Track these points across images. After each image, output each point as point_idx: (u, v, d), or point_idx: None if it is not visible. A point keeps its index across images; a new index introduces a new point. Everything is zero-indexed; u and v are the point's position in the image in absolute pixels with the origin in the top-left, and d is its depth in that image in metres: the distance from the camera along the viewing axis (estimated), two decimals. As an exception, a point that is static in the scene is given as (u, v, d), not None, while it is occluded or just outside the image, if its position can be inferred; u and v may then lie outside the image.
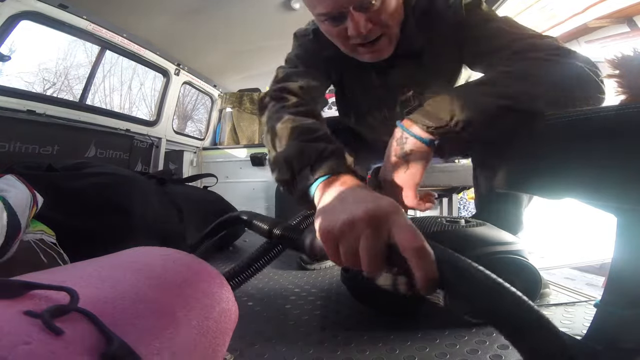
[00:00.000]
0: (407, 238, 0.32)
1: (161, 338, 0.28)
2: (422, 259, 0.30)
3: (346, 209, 0.37)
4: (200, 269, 0.42)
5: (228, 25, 1.85)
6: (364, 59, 0.72)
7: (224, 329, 0.39)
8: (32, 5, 1.43)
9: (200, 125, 3.78)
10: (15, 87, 1.58)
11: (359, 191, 0.42)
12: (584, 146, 0.44)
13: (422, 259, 0.30)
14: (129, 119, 2.16)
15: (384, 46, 0.69)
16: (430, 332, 0.64)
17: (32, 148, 1.54)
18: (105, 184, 1.08)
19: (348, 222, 0.36)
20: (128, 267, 0.35)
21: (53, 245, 0.77)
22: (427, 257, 0.30)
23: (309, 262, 1.18)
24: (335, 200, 0.42)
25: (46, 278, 0.28)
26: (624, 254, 0.50)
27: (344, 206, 0.39)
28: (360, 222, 0.35)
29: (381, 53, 0.71)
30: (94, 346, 0.22)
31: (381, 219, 0.35)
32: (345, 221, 0.36)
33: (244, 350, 0.61)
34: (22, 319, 0.21)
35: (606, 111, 0.42)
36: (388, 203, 0.37)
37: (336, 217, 0.37)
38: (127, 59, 2.07)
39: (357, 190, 0.43)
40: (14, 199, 0.68)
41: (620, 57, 0.44)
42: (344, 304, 0.83)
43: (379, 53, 0.71)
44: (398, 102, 0.85)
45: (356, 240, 0.35)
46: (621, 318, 0.49)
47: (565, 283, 0.90)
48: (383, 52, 0.71)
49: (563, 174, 0.47)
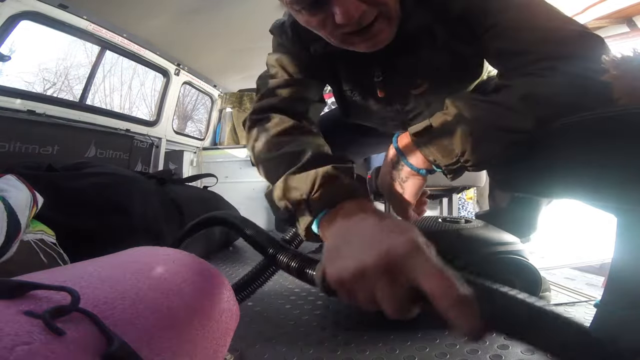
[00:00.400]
0: (437, 286, 0.27)
1: (162, 338, 0.28)
2: (460, 310, 0.26)
3: (354, 255, 0.32)
4: (201, 268, 0.42)
5: (228, 25, 1.85)
6: (360, 49, 0.57)
7: (225, 329, 0.39)
8: (32, 5, 1.43)
9: (200, 125, 3.78)
10: (15, 87, 1.58)
11: (365, 226, 0.36)
12: (584, 147, 0.44)
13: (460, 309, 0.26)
14: (129, 119, 2.16)
15: (383, 30, 0.54)
16: (430, 332, 0.64)
17: (32, 148, 1.54)
18: (105, 184, 1.09)
19: (358, 272, 0.31)
20: (128, 267, 0.35)
21: (53, 245, 0.77)
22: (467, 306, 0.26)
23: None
24: (341, 241, 0.37)
25: (46, 278, 0.28)
26: (624, 254, 0.50)
27: (352, 250, 0.33)
28: (372, 271, 0.30)
29: (380, 39, 0.56)
30: (95, 346, 0.22)
31: (397, 264, 0.29)
32: (355, 271, 0.31)
33: (244, 350, 0.61)
34: (23, 319, 0.21)
35: (606, 112, 0.42)
36: (403, 242, 0.30)
37: (344, 264, 0.32)
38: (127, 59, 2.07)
39: (362, 225, 0.36)
40: (14, 199, 0.68)
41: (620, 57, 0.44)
42: (344, 304, 0.83)
43: (377, 40, 0.55)
44: (411, 97, 0.71)
45: (371, 290, 0.31)
46: (621, 318, 0.49)
47: (565, 283, 0.90)
48: (383, 38, 0.56)
49: (563, 174, 0.47)
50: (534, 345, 0.26)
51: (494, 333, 0.26)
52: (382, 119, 0.81)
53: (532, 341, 0.26)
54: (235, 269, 1.18)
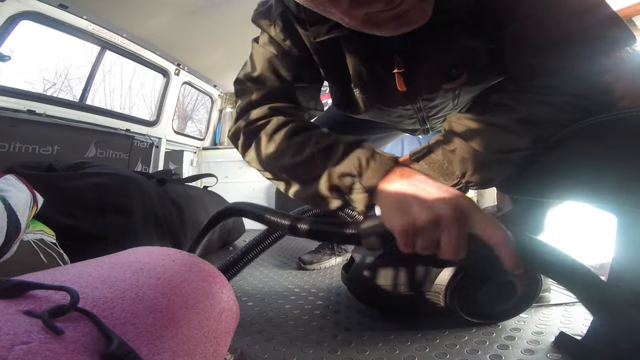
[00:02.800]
0: (492, 231, 0.38)
1: (161, 338, 0.28)
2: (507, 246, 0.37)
3: (427, 206, 0.39)
4: (201, 268, 0.42)
5: (228, 25, 1.85)
6: (385, 31, 0.44)
7: (225, 329, 0.39)
8: (32, 5, 1.43)
9: (200, 125, 3.78)
10: (15, 87, 1.58)
11: (428, 185, 0.42)
12: (584, 148, 0.44)
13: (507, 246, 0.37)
14: (129, 119, 2.16)
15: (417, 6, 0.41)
16: (430, 332, 0.64)
17: (32, 148, 1.55)
18: (105, 184, 1.08)
19: (434, 220, 0.39)
20: (128, 267, 0.35)
21: (53, 245, 0.77)
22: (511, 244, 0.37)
23: (308, 263, 1.18)
24: (407, 197, 0.41)
25: (46, 278, 0.28)
26: (624, 254, 0.50)
27: (422, 202, 0.40)
28: (446, 219, 0.38)
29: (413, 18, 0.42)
30: (94, 346, 0.22)
31: (464, 215, 0.39)
32: (430, 219, 0.39)
33: (244, 350, 0.61)
34: (22, 318, 0.21)
35: (606, 114, 0.42)
36: (466, 199, 0.40)
37: (417, 215, 0.39)
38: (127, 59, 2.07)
39: (425, 184, 0.42)
40: (14, 199, 0.68)
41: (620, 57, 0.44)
42: (344, 304, 0.83)
43: (409, 18, 0.42)
44: (441, 91, 0.60)
45: (438, 236, 0.39)
46: (621, 318, 0.49)
47: (565, 283, 0.90)
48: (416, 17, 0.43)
49: (563, 176, 0.47)
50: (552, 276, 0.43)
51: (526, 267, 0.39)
52: (399, 117, 0.70)
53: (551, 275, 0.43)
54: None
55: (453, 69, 0.57)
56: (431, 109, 0.67)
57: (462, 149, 0.46)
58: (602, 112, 0.43)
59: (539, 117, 0.45)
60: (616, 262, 0.51)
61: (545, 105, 0.44)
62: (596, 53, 0.43)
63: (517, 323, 0.67)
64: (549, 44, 0.45)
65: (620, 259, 0.50)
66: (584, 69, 0.43)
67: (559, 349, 0.56)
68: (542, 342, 0.59)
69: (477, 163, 0.46)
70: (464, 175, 0.47)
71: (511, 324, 0.66)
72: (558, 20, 0.45)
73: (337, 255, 1.26)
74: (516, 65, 0.50)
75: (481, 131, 0.46)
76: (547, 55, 0.45)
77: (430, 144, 0.49)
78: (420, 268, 0.66)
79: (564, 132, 0.45)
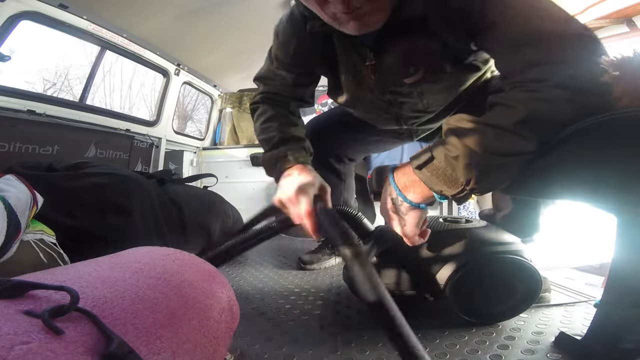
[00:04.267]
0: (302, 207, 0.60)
1: (161, 338, 0.28)
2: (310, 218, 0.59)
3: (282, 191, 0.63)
4: (201, 268, 0.42)
5: (228, 25, 1.85)
6: (348, 30, 0.57)
7: (225, 329, 0.39)
8: (32, 5, 1.43)
9: (200, 125, 3.78)
10: (15, 87, 1.58)
11: (292, 177, 0.65)
12: (584, 148, 0.44)
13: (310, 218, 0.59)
14: (129, 119, 2.16)
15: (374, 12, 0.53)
16: (430, 332, 0.64)
17: (32, 148, 1.54)
18: (105, 184, 1.08)
19: (286, 200, 0.62)
20: (128, 267, 0.35)
21: (53, 245, 0.77)
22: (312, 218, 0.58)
23: (308, 263, 1.18)
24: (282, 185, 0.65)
25: (46, 278, 0.28)
26: (624, 254, 0.50)
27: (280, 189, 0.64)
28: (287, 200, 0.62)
29: (370, 22, 0.55)
30: (94, 346, 0.22)
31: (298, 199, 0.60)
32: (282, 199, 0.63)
33: (244, 350, 0.61)
34: (22, 318, 0.21)
35: (606, 114, 0.42)
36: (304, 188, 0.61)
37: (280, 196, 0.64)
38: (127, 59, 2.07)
39: (294, 176, 0.64)
40: (14, 199, 0.68)
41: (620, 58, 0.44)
42: (344, 304, 0.83)
43: (366, 22, 0.54)
44: (405, 86, 0.70)
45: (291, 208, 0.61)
46: (621, 318, 0.49)
47: (565, 283, 0.90)
48: (373, 21, 0.55)
49: (563, 175, 0.47)
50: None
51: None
52: (378, 111, 0.82)
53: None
54: (235, 269, 1.18)
55: (411, 66, 0.66)
56: (401, 104, 0.77)
57: (465, 155, 0.45)
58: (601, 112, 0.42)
59: (539, 117, 0.44)
60: (616, 262, 0.51)
61: (544, 103, 0.44)
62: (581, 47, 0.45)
63: (517, 323, 0.67)
64: (533, 38, 0.47)
65: (620, 259, 0.50)
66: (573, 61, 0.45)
67: (559, 349, 0.56)
68: (542, 342, 0.59)
69: (481, 170, 0.45)
70: (468, 182, 0.46)
71: (511, 324, 0.66)
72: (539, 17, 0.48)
73: (337, 255, 1.26)
74: (506, 64, 0.52)
75: (483, 134, 0.45)
76: (533, 47, 0.47)
77: (431, 147, 0.49)
78: (421, 268, 0.66)
79: (564, 133, 0.45)
